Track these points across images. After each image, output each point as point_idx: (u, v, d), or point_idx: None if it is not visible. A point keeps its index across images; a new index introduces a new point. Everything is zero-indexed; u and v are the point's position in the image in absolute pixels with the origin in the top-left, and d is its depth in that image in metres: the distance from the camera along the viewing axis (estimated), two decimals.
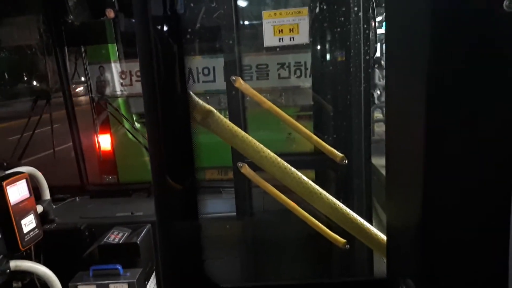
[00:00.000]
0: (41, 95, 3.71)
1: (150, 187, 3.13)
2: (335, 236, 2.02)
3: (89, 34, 3.83)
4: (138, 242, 2.28)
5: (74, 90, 3.85)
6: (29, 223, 2.05)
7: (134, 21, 1.35)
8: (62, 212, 2.84)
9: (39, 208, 2.36)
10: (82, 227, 2.55)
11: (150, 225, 2.48)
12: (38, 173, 2.41)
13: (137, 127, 4.16)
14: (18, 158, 3.49)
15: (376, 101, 8.34)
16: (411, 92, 0.86)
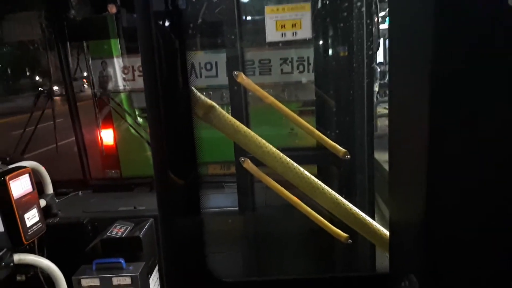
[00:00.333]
0: (43, 90, 3.71)
1: (152, 182, 3.14)
2: (338, 231, 2.02)
3: (91, 29, 3.84)
4: (141, 236, 2.29)
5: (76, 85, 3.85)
6: (32, 217, 2.06)
7: (136, 16, 1.35)
8: (65, 206, 2.85)
9: (42, 202, 2.37)
10: (85, 221, 2.56)
11: (152, 219, 2.49)
12: (41, 167, 2.42)
13: (139, 122, 4.17)
14: (21, 153, 3.50)
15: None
16: (415, 88, 0.86)
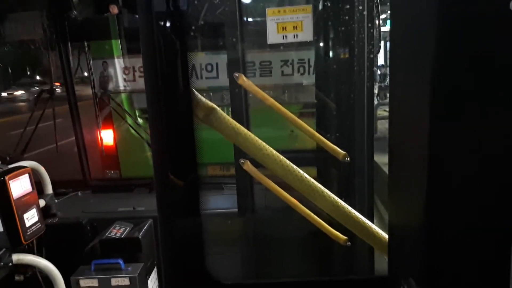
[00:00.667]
0: (44, 90, 3.72)
1: (152, 183, 3.14)
2: (337, 233, 2.02)
3: (92, 30, 3.84)
4: (140, 237, 2.29)
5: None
6: (31, 217, 2.06)
7: (138, 17, 1.35)
8: (64, 206, 2.85)
9: (42, 202, 2.37)
10: (84, 222, 2.56)
11: (151, 220, 2.49)
12: (41, 167, 2.42)
13: (139, 123, 4.17)
14: (21, 152, 3.50)
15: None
16: (415, 90, 0.86)
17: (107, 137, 4.27)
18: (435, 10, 0.76)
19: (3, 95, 17.78)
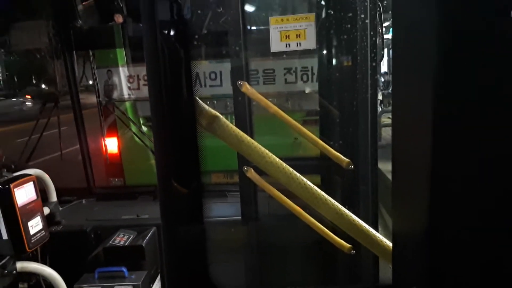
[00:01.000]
0: (49, 98, 3.75)
1: (156, 190, 3.15)
2: (341, 241, 2.01)
3: (97, 39, 3.87)
4: (144, 244, 2.29)
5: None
6: (35, 225, 2.07)
7: (142, 26, 1.36)
8: (68, 214, 2.86)
9: (46, 210, 2.38)
10: (88, 229, 2.56)
11: (155, 228, 2.49)
12: (45, 175, 2.43)
13: (144, 131, 4.19)
14: (26, 160, 3.52)
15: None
16: (418, 97, 0.86)
17: (112, 145, 4.30)
18: (436, 17, 0.76)
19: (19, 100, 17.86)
